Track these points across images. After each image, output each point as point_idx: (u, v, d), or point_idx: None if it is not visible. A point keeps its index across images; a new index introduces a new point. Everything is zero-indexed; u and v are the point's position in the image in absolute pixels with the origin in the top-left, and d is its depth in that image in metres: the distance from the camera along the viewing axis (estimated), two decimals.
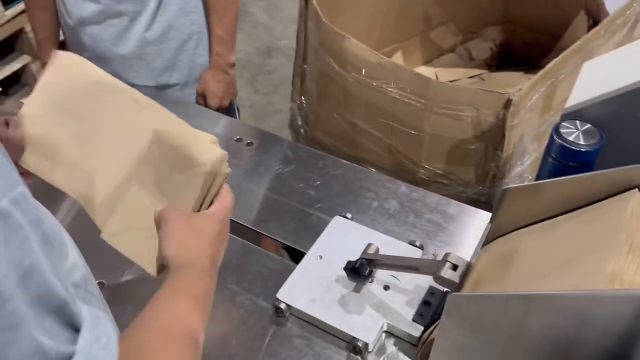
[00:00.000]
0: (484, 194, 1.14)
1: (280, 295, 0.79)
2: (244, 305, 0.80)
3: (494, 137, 1.05)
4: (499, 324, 0.56)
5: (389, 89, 1.12)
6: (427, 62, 1.89)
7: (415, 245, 0.86)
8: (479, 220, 0.93)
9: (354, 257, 0.77)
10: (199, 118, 1.16)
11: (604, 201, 0.61)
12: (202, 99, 1.31)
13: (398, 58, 1.79)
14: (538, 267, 0.60)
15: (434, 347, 0.63)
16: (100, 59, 1.22)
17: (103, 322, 0.40)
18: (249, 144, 1.09)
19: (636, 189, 0.60)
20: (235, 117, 1.42)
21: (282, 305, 0.78)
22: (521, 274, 0.60)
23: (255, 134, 1.12)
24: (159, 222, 0.59)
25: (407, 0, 1.70)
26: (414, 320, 0.75)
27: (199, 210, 0.62)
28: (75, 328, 0.38)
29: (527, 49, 1.80)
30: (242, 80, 1.34)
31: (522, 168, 1.10)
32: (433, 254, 0.87)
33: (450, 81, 1.76)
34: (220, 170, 0.63)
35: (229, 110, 1.35)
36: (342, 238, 0.86)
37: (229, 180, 0.99)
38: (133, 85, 0.67)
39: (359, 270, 0.75)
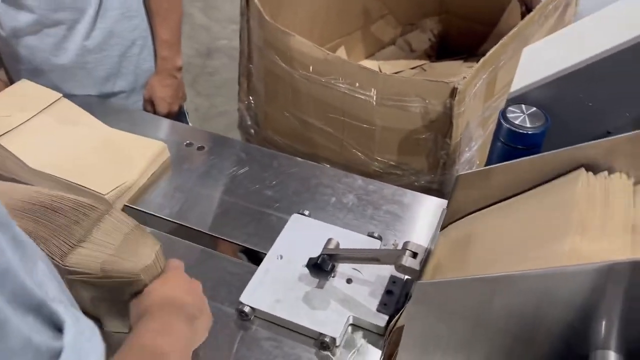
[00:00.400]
0: (436, 182, 1.17)
1: (243, 298, 0.78)
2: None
3: (442, 125, 1.07)
4: (465, 308, 0.57)
5: (338, 84, 1.13)
6: (370, 55, 1.92)
7: (374, 237, 0.87)
8: (433, 207, 0.96)
9: (315, 253, 0.77)
10: (145, 125, 1.13)
11: (554, 181, 0.64)
12: (150, 105, 1.28)
13: (341, 53, 1.80)
14: (496, 249, 0.62)
15: (403, 335, 0.63)
16: (36, 72, 1.17)
17: (83, 319, 0.40)
18: (199, 148, 1.07)
19: (582, 168, 0.63)
20: (186, 122, 1.39)
21: (246, 309, 0.77)
22: (480, 257, 0.62)
23: (206, 138, 1.10)
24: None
25: None
26: (378, 310, 0.76)
27: None
28: (56, 327, 0.38)
29: (464, 38, 1.85)
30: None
31: (470, 154, 1.13)
32: (393, 244, 0.88)
33: (394, 73, 1.79)
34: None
35: (178, 115, 1.33)
36: (301, 236, 0.86)
37: (184, 184, 0.98)
38: (73, 96, 0.66)
39: (321, 266, 0.75)
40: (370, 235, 0.87)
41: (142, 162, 0.98)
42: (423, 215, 0.95)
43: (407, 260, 0.68)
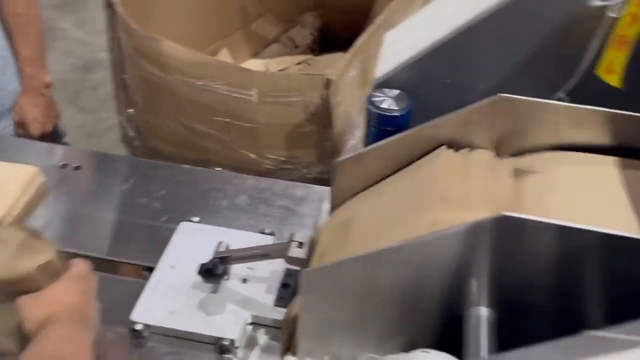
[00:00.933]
0: (327, 172, 1.19)
1: (134, 316, 0.75)
2: (104, 339, 0.75)
3: (322, 117, 1.09)
4: (352, 288, 0.59)
5: (216, 86, 1.12)
6: (255, 54, 1.92)
7: (266, 233, 0.87)
8: (326, 196, 0.97)
9: (208, 259, 0.76)
10: (15, 150, 1.05)
11: (419, 161, 0.67)
12: (21, 128, 1.20)
13: (225, 54, 1.78)
14: (372, 229, 0.64)
15: (299, 325, 0.64)
16: None
17: None
18: (76, 168, 1.02)
19: (444, 146, 0.67)
20: (63, 142, 1.32)
21: (139, 327, 0.74)
22: (359, 239, 0.64)
23: (83, 157, 1.05)
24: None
25: None
26: (276, 305, 0.77)
27: None
28: None
29: (345, 30, 1.89)
30: (63, 101, 1.26)
31: (355, 141, 1.17)
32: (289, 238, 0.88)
33: (280, 70, 1.80)
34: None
35: (54, 136, 1.26)
36: (192, 243, 0.85)
37: (64, 208, 0.93)
38: None
39: (213, 271, 0.74)
40: (262, 232, 0.88)
41: (11, 192, 0.91)
42: (316, 206, 0.96)
43: (294, 251, 0.70)
